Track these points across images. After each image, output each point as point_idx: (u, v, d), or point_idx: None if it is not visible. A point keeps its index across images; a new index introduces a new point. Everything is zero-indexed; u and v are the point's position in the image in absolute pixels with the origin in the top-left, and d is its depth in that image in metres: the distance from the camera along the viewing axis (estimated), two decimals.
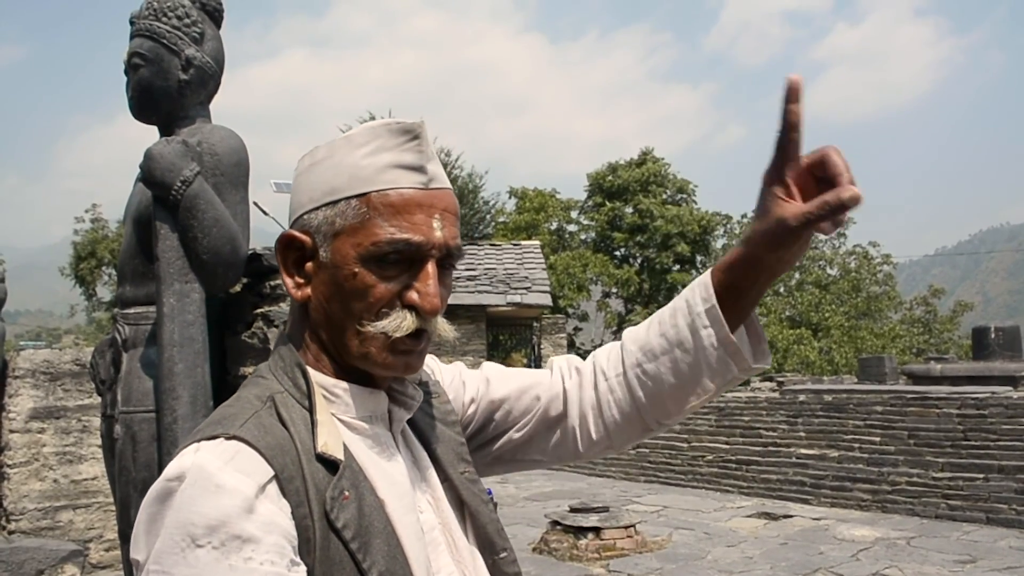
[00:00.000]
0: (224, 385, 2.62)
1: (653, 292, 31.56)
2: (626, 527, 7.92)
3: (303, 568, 0.84)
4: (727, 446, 11.99)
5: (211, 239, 2.39)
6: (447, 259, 0.97)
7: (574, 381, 1.22)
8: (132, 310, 2.63)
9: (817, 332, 29.62)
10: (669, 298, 31.97)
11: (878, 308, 32.16)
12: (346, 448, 0.93)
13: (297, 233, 0.97)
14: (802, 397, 12.07)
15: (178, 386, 2.34)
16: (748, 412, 12.45)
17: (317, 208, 0.96)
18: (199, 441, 0.86)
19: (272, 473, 0.85)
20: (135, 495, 2.49)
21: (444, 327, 0.99)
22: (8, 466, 6.72)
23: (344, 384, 0.97)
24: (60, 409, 6.93)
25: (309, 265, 0.97)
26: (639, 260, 32.16)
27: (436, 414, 1.12)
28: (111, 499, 6.98)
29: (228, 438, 0.85)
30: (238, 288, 2.70)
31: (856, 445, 10.48)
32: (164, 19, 2.65)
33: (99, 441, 6.88)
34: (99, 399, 6.89)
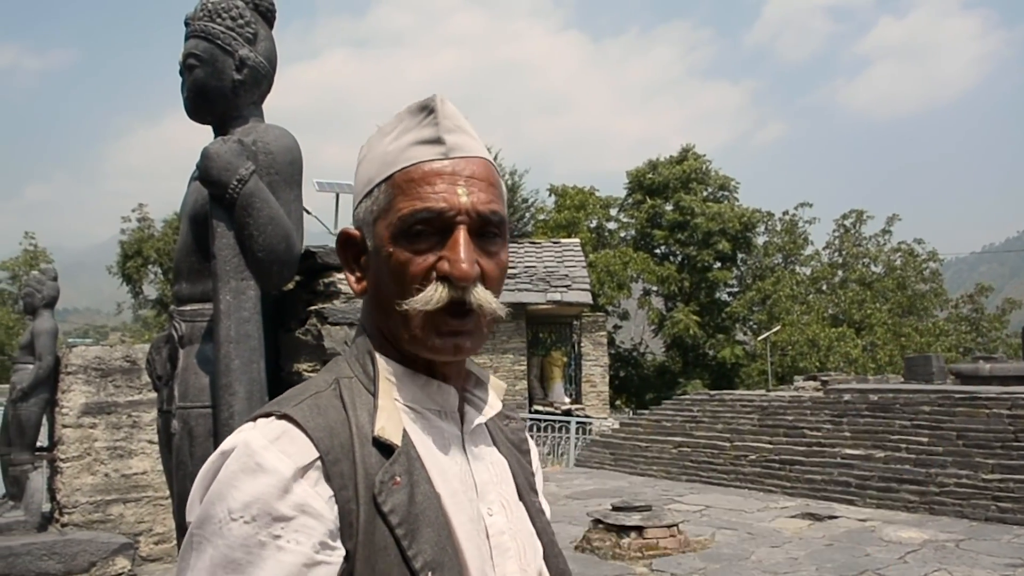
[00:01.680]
0: (278, 381, 2.65)
1: (694, 290, 31.34)
2: (669, 526, 7.88)
3: (335, 551, 0.85)
4: (770, 445, 11.87)
5: (266, 237, 2.43)
6: (485, 227, 0.95)
7: None
8: (188, 307, 2.68)
9: (860, 330, 29.19)
10: (710, 295, 31.79)
11: (923, 306, 31.63)
12: (407, 435, 0.93)
13: (350, 229, 1.01)
14: (847, 396, 11.91)
15: (234, 382, 2.37)
16: (792, 411, 12.31)
17: (360, 201, 0.99)
18: (256, 418, 0.90)
19: (316, 455, 0.86)
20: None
21: (488, 299, 0.94)
22: (61, 460, 6.87)
23: (409, 372, 0.98)
24: (111, 405, 7.07)
25: (363, 258, 1.00)
26: (680, 257, 31.94)
27: (511, 438, 1.12)
28: (160, 493, 7.13)
29: (279, 417, 0.88)
30: (291, 285, 2.74)
31: (903, 445, 10.32)
32: (218, 20, 2.69)
33: (149, 436, 7.03)
34: (149, 395, 7.03)
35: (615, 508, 8.10)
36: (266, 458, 0.84)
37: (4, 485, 7.28)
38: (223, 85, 2.67)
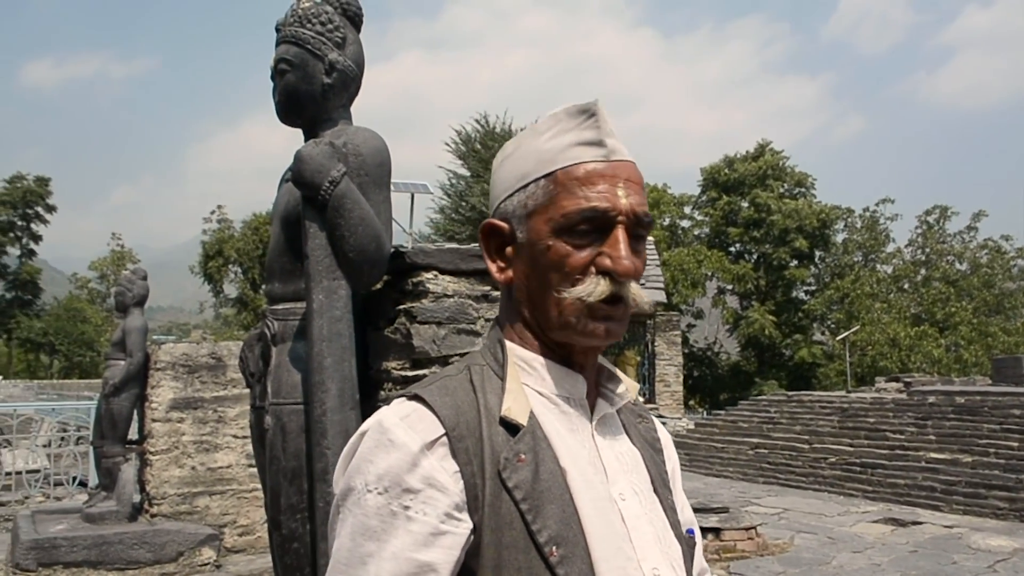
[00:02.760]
0: (366, 379, 2.70)
1: (770, 288, 30.83)
2: (747, 528, 7.76)
3: (461, 523, 0.91)
4: (851, 448, 11.60)
5: (357, 237, 2.47)
6: (637, 227, 1.01)
7: None
8: (280, 306, 2.74)
9: (944, 330, 28.31)
10: (787, 294, 31.24)
11: (1011, 305, 30.54)
12: (533, 416, 0.97)
13: (496, 221, 1.05)
14: (931, 399, 11.56)
15: (327, 379, 2.42)
16: (873, 413, 12.01)
17: (510, 195, 1.04)
18: (396, 399, 0.98)
19: (442, 432, 0.93)
20: (284, 483, 2.59)
21: (639, 293, 1.02)
22: (151, 453, 7.11)
23: (542, 359, 1.03)
24: (197, 400, 7.28)
25: (509, 249, 1.05)
26: (755, 255, 31.46)
27: (645, 436, 1.14)
28: (244, 487, 7.33)
29: (410, 398, 0.96)
30: (380, 285, 2.78)
31: (991, 450, 9.97)
32: (308, 25, 2.74)
33: (233, 431, 7.22)
34: (233, 391, 7.22)
35: (691, 509, 8.01)
36: (397, 434, 0.92)
37: (97, 476, 7.56)
38: (313, 89, 2.73)
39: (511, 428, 0.95)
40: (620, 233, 0.99)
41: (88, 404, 10.95)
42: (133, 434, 7.43)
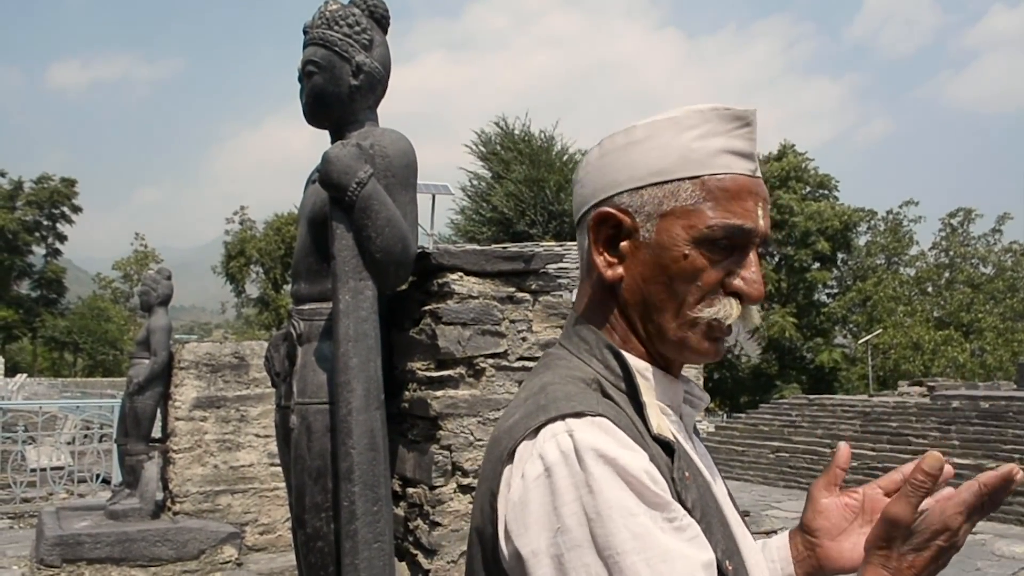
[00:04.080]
0: (391, 379, 2.71)
1: (791, 291, 30.66)
2: (767, 533, 7.72)
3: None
4: (873, 452, 11.51)
5: (384, 238, 2.49)
6: (762, 247, 0.97)
7: None
8: (306, 306, 2.76)
9: (968, 334, 28.03)
10: (808, 297, 31.04)
11: None
12: (671, 432, 0.92)
13: (616, 211, 0.95)
14: (955, 403, 11.45)
15: (352, 379, 2.44)
16: (896, 418, 11.91)
17: (641, 188, 0.94)
18: (565, 418, 0.84)
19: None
20: (309, 482, 2.61)
21: (757, 315, 0.97)
22: (174, 451, 7.16)
23: (652, 368, 0.97)
24: (220, 399, 7.33)
25: (625, 244, 0.95)
26: (777, 257, 31.28)
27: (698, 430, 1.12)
28: (266, 485, 7.36)
29: (595, 416, 0.84)
30: (406, 286, 2.79)
31: (1016, 456, 9.87)
32: (336, 27, 2.76)
33: (255, 430, 7.26)
34: (256, 390, 7.26)
35: None
36: (621, 455, 0.81)
37: (121, 473, 7.63)
38: (341, 91, 2.75)
39: (664, 446, 0.88)
40: (755, 255, 0.94)
41: (112, 402, 11.06)
42: (156, 432, 7.50)
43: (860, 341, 27.05)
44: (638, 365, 0.95)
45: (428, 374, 2.63)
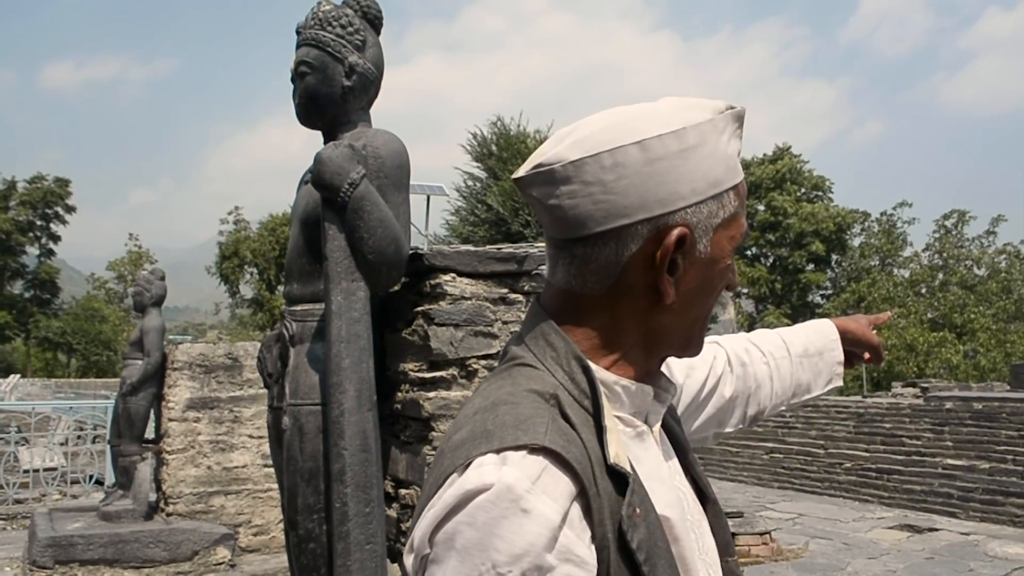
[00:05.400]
0: (383, 380, 2.71)
1: (785, 292, 30.71)
2: (761, 534, 7.73)
3: None
4: (867, 454, 11.52)
5: (376, 239, 2.49)
6: None
7: (748, 358, 1.33)
8: (299, 307, 2.76)
9: (961, 335, 28.09)
10: (802, 298, 31.11)
11: None
12: (628, 459, 0.85)
13: (688, 229, 0.87)
14: (949, 405, 11.46)
15: (345, 381, 2.44)
16: (889, 419, 11.92)
17: (702, 202, 0.88)
18: (503, 451, 0.78)
19: (575, 493, 0.78)
20: (301, 483, 2.61)
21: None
22: (167, 452, 7.15)
23: (625, 381, 0.90)
24: (214, 400, 7.32)
25: (680, 261, 0.88)
26: (771, 259, 31.35)
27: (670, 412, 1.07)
28: (259, 487, 7.35)
29: (534, 450, 0.77)
30: (398, 287, 2.79)
31: (1009, 457, 9.88)
32: (329, 28, 2.77)
33: (249, 431, 7.25)
34: (249, 391, 7.25)
35: None
36: (533, 504, 0.75)
37: (114, 475, 7.62)
38: (333, 91, 2.75)
39: (617, 476, 0.81)
40: None
41: (105, 403, 11.03)
42: (150, 433, 7.48)
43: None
44: (608, 379, 0.89)
45: (421, 375, 2.63)
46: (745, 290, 30.78)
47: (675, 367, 1.20)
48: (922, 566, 7.39)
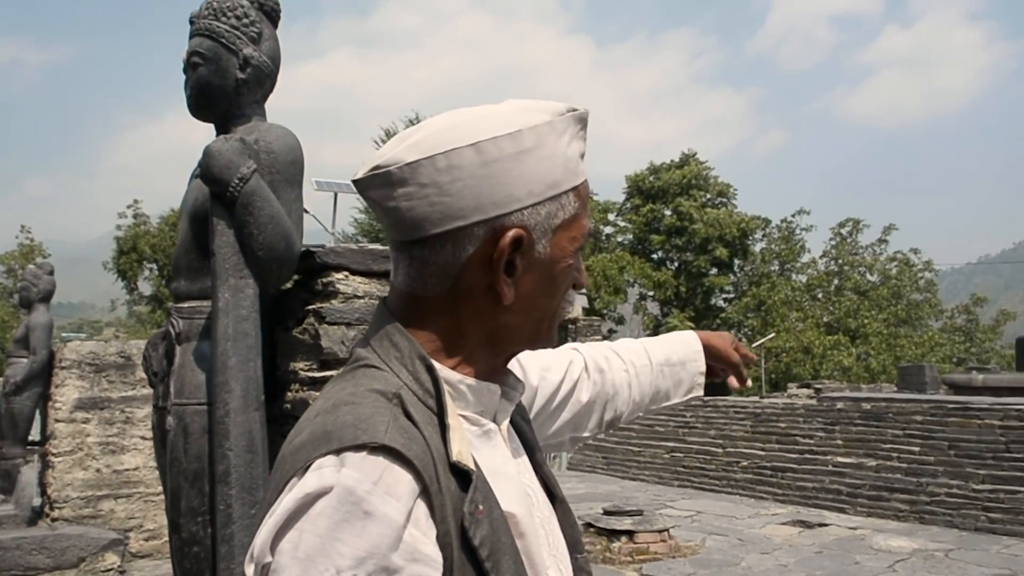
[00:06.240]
0: (274, 380, 2.66)
1: (690, 295, 31.40)
2: (660, 531, 7.89)
3: None
4: (762, 452, 11.89)
5: (266, 236, 2.44)
6: None
7: (607, 365, 1.36)
8: (186, 304, 2.68)
9: (855, 339, 29.27)
10: (706, 301, 31.84)
11: (918, 316, 31.74)
12: (472, 456, 0.85)
13: (522, 231, 0.88)
14: (840, 405, 11.93)
15: (231, 380, 2.38)
16: (784, 419, 12.34)
17: (539, 204, 0.89)
18: (342, 452, 0.77)
19: (418, 491, 0.77)
20: (185, 485, 2.54)
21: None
22: (53, 455, 6.86)
23: (470, 380, 0.91)
24: (104, 400, 7.07)
25: (519, 262, 0.89)
26: (676, 263, 32.03)
27: (518, 410, 1.07)
28: (152, 490, 7.12)
29: (374, 450, 0.76)
30: (290, 284, 2.75)
31: (895, 455, 10.35)
32: (223, 19, 2.70)
33: (141, 432, 7.02)
34: (142, 391, 7.02)
35: (606, 512, 8.11)
36: (375, 505, 0.74)
37: None
38: (226, 84, 2.68)
39: (461, 474, 0.82)
40: None
41: None
42: (35, 435, 7.18)
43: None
44: (453, 378, 0.90)
45: (311, 375, 2.60)
46: (651, 293, 31.34)
47: (530, 370, 1.22)
48: (811, 560, 7.66)
